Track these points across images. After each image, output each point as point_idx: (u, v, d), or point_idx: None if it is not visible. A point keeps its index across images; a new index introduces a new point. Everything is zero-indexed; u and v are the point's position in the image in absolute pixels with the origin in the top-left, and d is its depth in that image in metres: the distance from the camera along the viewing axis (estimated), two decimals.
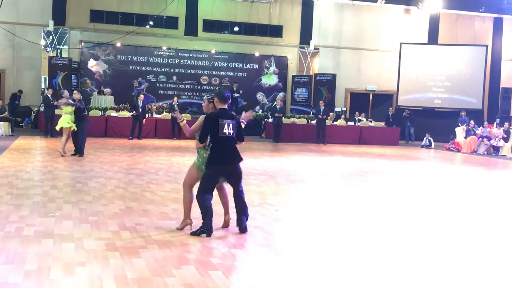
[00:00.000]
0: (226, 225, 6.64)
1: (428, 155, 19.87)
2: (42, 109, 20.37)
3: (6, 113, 20.08)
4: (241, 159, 6.38)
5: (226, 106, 6.37)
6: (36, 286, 4.40)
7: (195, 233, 6.17)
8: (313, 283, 4.80)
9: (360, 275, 5.07)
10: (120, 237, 5.91)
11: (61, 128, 13.39)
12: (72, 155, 13.37)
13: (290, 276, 4.95)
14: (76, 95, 13.69)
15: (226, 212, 6.68)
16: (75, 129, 13.37)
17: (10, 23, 23.00)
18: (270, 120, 22.68)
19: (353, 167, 14.28)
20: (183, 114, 21.32)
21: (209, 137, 6.23)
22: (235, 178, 6.43)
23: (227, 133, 6.19)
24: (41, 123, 20.42)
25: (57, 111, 17.72)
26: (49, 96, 19.05)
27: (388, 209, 8.54)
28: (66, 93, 13.86)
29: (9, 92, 23.25)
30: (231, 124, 6.23)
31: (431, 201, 9.56)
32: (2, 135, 18.21)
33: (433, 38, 27.94)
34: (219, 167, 6.24)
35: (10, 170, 10.61)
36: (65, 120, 13.24)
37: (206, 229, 6.16)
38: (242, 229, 6.43)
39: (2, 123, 18.94)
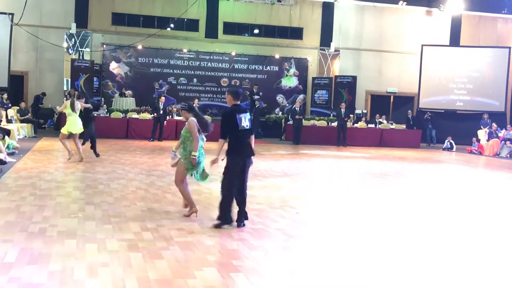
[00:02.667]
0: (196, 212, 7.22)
1: (449, 158, 19.68)
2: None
3: (29, 115, 20.33)
4: (253, 153, 6.77)
5: (238, 102, 6.74)
6: (60, 286, 4.45)
7: (218, 226, 6.58)
8: (333, 286, 4.79)
9: (380, 279, 5.04)
10: (142, 238, 5.95)
11: (69, 133, 12.75)
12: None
13: (311, 279, 4.94)
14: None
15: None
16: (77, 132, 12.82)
17: (33, 26, 23.26)
18: (290, 122, 22.64)
19: (374, 170, 14.19)
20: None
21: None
22: (247, 171, 6.77)
23: (245, 126, 6.56)
24: (63, 125, 20.58)
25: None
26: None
27: (408, 212, 8.48)
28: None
29: (32, 94, 23.53)
30: (247, 118, 6.61)
31: (452, 205, 9.48)
32: (25, 136, 18.43)
33: (455, 40, 27.66)
34: (240, 159, 6.59)
35: (33, 171, 10.74)
36: (73, 124, 12.66)
37: (227, 222, 6.62)
38: (240, 225, 6.75)
39: (25, 124, 19.18)
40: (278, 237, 6.39)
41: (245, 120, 6.56)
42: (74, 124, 12.68)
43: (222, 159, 6.77)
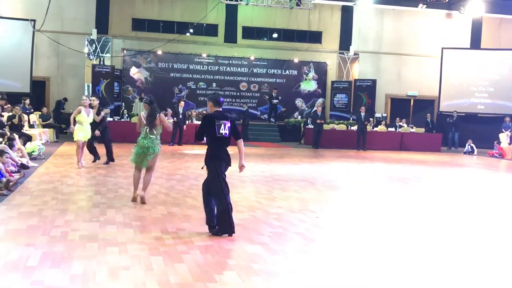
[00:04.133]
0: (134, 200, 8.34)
1: (470, 161, 19.47)
2: None
3: (51, 120, 20.56)
4: (229, 164, 6.72)
5: (220, 109, 6.78)
6: None
7: (216, 234, 6.42)
8: None
9: (398, 283, 5.01)
10: (163, 242, 5.98)
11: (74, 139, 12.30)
12: (105, 163, 13.11)
13: (330, 283, 4.92)
14: (95, 101, 12.88)
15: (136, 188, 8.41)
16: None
17: (55, 32, 23.55)
18: (310, 126, 22.60)
19: (394, 174, 14.10)
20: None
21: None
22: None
23: (223, 133, 6.56)
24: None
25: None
26: None
27: (428, 217, 8.41)
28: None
29: (54, 99, 23.82)
30: (226, 125, 6.58)
31: (473, 210, 9.38)
32: (47, 141, 18.63)
33: (475, 43, 27.40)
34: (217, 163, 6.56)
35: (55, 175, 10.86)
36: (85, 131, 12.26)
37: (228, 230, 6.43)
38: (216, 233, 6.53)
39: (47, 129, 19.39)
40: (298, 241, 6.38)
41: (224, 128, 6.57)
42: (85, 131, 12.29)
43: (202, 168, 6.86)
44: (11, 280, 4.61)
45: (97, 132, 12.72)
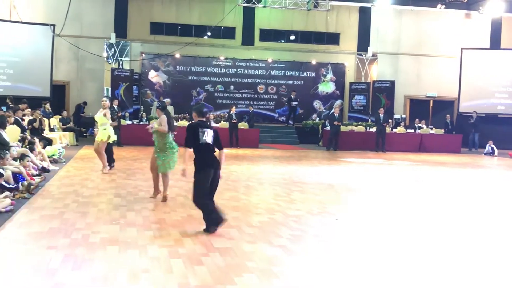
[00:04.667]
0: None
1: (491, 162, 19.26)
2: None
3: (71, 123, 20.76)
4: (219, 166, 6.88)
5: (204, 119, 7.12)
6: None
7: (207, 231, 6.65)
8: None
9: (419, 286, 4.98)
10: (183, 245, 6.00)
11: (98, 143, 11.94)
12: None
13: (350, 286, 4.90)
14: (106, 103, 12.48)
15: (157, 190, 9.08)
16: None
17: (74, 37, 23.81)
18: (328, 128, 22.55)
19: (414, 176, 14.01)
20: (240, 123, 21.57)
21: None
22: (214, 183, 6.87)
23: (206, 140, 6.82)
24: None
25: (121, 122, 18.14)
26: (115, 107, 19.54)
27: (448, 219, 8.34)
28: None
29: (74, 103, 24.06)
30: (210, 134, 6.86)
31: (495, 211, 9.28)
32: (67, 144, 18.82)
33: (495, 43, 27.12)
34: (206, 171, 6.74)
35: (75, 178, 10.96)
36: (108, 134, 12.01)
37: (213, 224, 6.67)
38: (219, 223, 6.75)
39: (67, 133, 19.59)
40: (317, 243, 6.36)
41: (207, 135, 6.83)
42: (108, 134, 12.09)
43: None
44: (33, 283, 4.66)
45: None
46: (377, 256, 5.92)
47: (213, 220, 6.69)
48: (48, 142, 14.80)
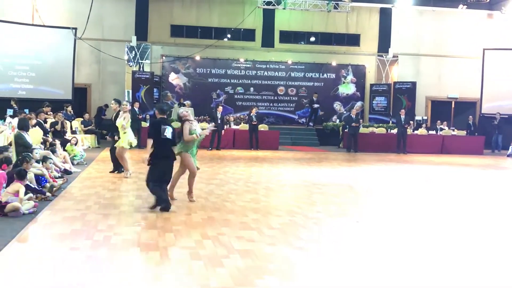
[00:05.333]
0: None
1: None
2: None
3: (93, 126, 20.96)
4: (175, 158, 8.32)
5: (165, 116, 8.44)
6: None
7: (153, 207, 7.99)
8: None
9: None
10: (203, 247, 6.03)
11: (121, 148, 11.64)
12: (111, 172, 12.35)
13: None
14: (127, 107, 11.97)
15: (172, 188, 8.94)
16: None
17: (96, 40, 24.05)
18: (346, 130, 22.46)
19: (436, 178, 13.90)
20: (260, 125, 21.60)
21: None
22: (170, 174, 8.25)
23: (167, 136, 8.07)
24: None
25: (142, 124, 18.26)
26: (136, 109, 19.70)
27: (470, 223, 8.25)
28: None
29: (95, 105, 24.30)
30: (169, 130, 8.11)
31: None
32: (89, 147, 18.99)
33: None
34: (162, 161, 8.06)
35: (97, 181, 11.06)
36: (128, 140, 11.67)
37: (161, 203, 7.96)
38: (168, 208, 8.01)
39: (89, 135, 19.77)
40: (337, 246, 6.35)
41: (167, 132, 8.07)
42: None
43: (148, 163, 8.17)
44: (56, 283, 4.73)
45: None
46: (397, 259, 5.88)
47: (160, 202, 7.94)
48: (68, 142, 14.98)
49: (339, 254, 5.98)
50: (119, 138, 11.65)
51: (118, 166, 12.26)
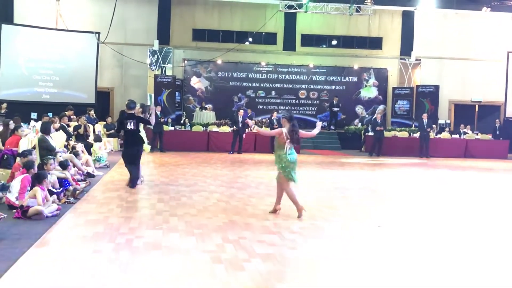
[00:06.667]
0: (273, 211, 8.27)
1: None
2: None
3: (115, 129, 21.10)
4: (143, 142, 10.65)
5: (133, 112, 10.57)
6: None
7: (133, 186, 10.42)
8: None
9: None
10: (224, 250, 6.03)
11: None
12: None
13: None
14: (140, 109, 11.45)
15: (278, 202, 8.30)
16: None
17: (118, 44, 24.27)
18: (370, 133, 22.32)
19: (460, 182, 13.75)
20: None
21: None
22: (136, 157, 10.58)
23: (129, 128, 10.40)
24: (148, 139, 21.25)
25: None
26: (158, 113, 19.81)
27: (495, 229, 8.14)
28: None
29: (118, 109, 24.40)
30: (132, 122, 10.39)
31: None
32: (112, 150, 19.13)
33: None
34: (129, 148, 10.51)
35: (120, 183, 11.13)
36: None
37: (130, 182, 10.46)
38: (133, 186, 10.46)
39: (111, 139, 19.93)
40: (360, 250, 6.30)
41: (131, 124, 10.36)
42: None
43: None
44: (78, 286, 4.77)
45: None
46: (419, 265, 5.82)
47: (131, 180, 10.40)
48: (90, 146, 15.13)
49: (361, 259, 5.92)
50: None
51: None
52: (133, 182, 10.48)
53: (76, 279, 4.94)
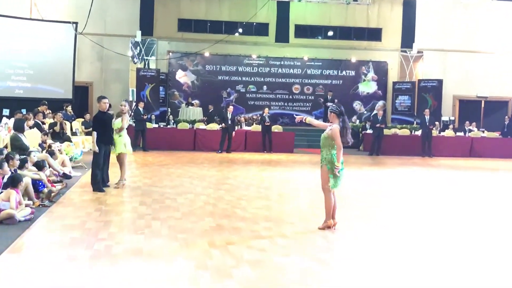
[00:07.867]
0: (330, 226, 7.56)
1: None
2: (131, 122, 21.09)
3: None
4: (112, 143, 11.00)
5: (107, 110, 11.21)
6: None
7: (98, 190, 10.32)
8: None
9: None
10: (211, 256, 6.03)
11: (122, 154, 11.25)
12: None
13: None
14: (126, 107, 11.93)
15: (333, 217, 7.62)
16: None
17: (98, 35, 24.17)
18: (369, 131, 22.37)
19: (464, 183, 13.81)
20: (273, 126, 21.58)
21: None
22: (108, 155, 10.89)
23: (112, 126, 10.96)
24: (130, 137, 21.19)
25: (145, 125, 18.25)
26: (140, 109, 19.80)
27: (498, 231, 8.19)
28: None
29: (97, 105, 24.32)
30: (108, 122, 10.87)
31: None
32: (90, 149, 19.02)
33: None
34: (102, 147, 10.50)
35: None
36: (123, 143, 11.33)
37: (99, 190, 10.27)
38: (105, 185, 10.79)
39: (90, 137, 19.77)
40: (356, 256, 6.32)
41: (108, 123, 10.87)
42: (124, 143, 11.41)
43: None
44: None
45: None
46: (420, 268, 5.84)
47: (98, 187, 10.32)
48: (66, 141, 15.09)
49: (357, 265, 5.93)
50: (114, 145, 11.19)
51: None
52: (96, 189, 10.43)
53: None
